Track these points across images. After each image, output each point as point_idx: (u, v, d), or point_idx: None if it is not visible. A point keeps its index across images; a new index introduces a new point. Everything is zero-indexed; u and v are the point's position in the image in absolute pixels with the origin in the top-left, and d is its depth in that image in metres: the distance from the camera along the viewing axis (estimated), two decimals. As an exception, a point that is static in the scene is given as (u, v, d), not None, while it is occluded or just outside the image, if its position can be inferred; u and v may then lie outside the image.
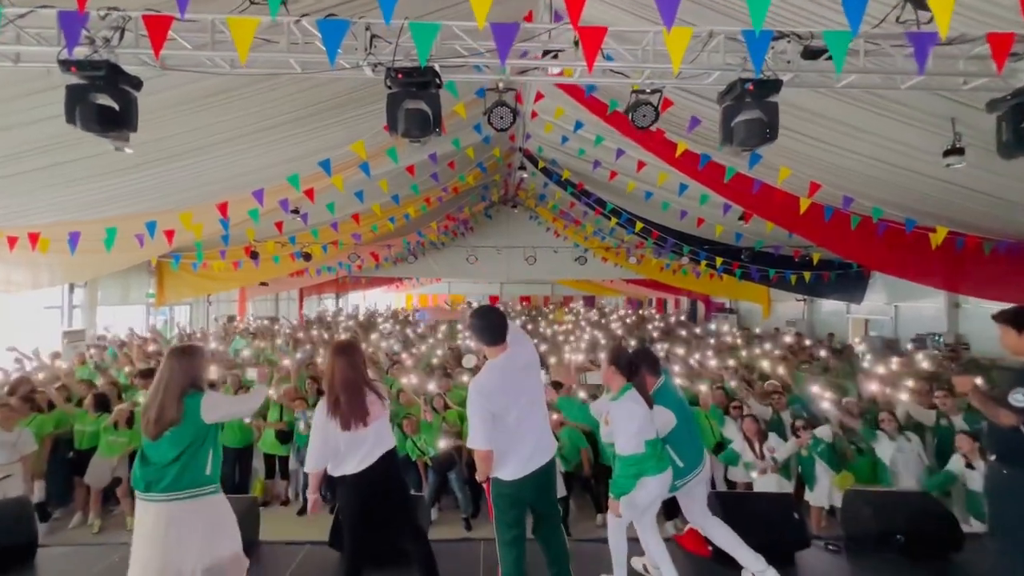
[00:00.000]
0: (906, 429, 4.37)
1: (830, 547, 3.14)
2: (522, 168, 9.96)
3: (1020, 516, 2.40)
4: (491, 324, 2.58)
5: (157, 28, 2.49)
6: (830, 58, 3.00)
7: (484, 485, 2.68)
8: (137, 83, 2.92)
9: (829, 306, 14.13)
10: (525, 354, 2.67)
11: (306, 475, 5.58)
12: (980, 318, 9.34)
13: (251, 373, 2.98)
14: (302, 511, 5.47)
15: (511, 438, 2.53)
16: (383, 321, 14.12)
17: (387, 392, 2.99)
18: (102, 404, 5.37)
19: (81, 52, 2.73)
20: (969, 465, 3.62)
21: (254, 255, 9.36)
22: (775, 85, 2.85)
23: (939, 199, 6.03)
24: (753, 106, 2.89)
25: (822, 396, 4.94)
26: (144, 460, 2.43)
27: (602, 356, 3.37)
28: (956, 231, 6.56)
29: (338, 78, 4.97)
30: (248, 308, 16.01)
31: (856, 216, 6.80)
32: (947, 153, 4.57)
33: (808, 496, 4.56)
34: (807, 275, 11.00)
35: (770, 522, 3.03)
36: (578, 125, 7.09)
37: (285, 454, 5.69)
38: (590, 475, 5.36)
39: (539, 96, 7.42)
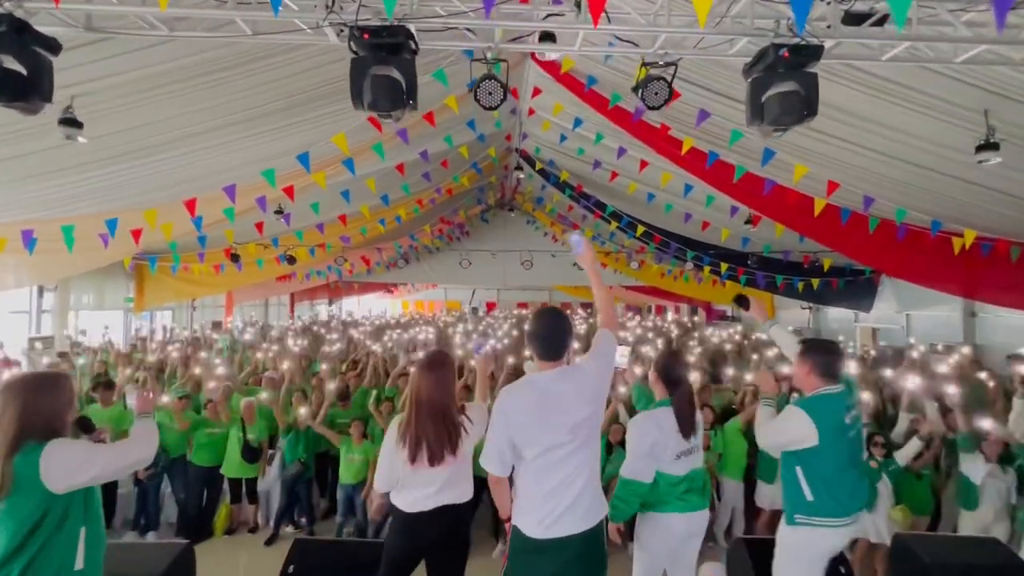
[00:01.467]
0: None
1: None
2: (519, 168, 9.54)
3: None
4: (547, 333, 2.06)
5: (59, -33, 2.02)
6: (877, 23, 2.56)
7: (505, 525, 2.18)
8: (54, 45, 2.44)
9: (835, 314, 13.70)
10: (588, 381, 2.05)
11: (281, 498, 5.13)
12: (998, 327, 8.90)
13: (130, 401, 2.30)
14: (271, 540, 4.94)
15: (534, 484, 1.99)
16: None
17: (481, 419, 2.46)
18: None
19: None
20: None
21: (235, 258, 8.85)
22: (815, 51, 2.39)
23: (968, 202, 5.60)
24: (788, 77, 2.42)
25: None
26: None
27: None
28: (984, 236, 6.13)
29: (316, 64, 4.57)
30: (235, 314, 15.47)
31: (875, 218, 6.36)
32: (980, 148, 4.17)
33: None
34: (815, 282, 10.57)
35: None
36: (577, 122, 6.68)
37: (254, 475, 5.15)
38: None
39: (536, 91, 7.01)
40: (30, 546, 1.63)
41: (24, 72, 2.33)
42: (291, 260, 9.43)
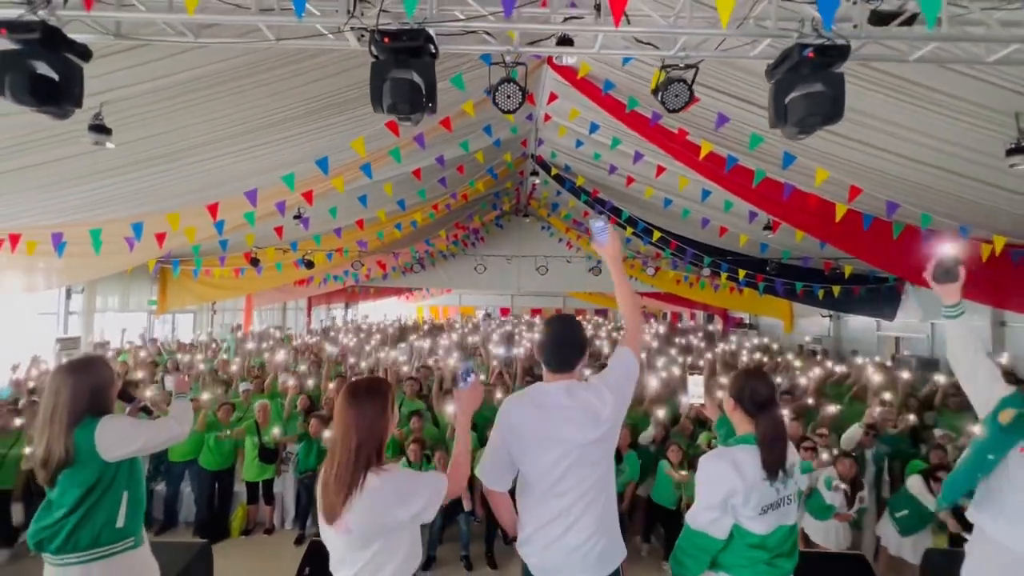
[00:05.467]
0: None
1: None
2: (534, 174, 9.56)
3: None
4: (556, 341, 1.89)
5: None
6: (905, 23, 2.50)
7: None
8: (84, 52, 2.51)
9: (856, 323, 13.41)
10: (598, 402, 1.82)
11: (302, 496, 5.13)
12: (1029, 338, 8.61)
13: (169, 382, 2.49)
14: (300, 540, 4.95)
15: (533, 510, 1.83)
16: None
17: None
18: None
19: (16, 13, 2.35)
20: None
21: (254, 262, 8.99)
22: (842, 52, 2.34)
23: (998, 207, 5.45)
24: (813, 78, 2.38)
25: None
26: (47, 509, 1.93)
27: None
28: (1015, 242, 5.95)
29: (335, 71, 4.64)
30: (254, 317, 15.70)
31: (899, 224, 6.21)
32: (1011, 152, 4.09)
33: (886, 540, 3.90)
34: (836, 289, 10.35)
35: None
36: (593, 127, 6.68)
37: (271, 477, 5.19)
38: (627, 510, 4.79)
39: (552, 97, 7.02)
40: (82, 506, 1.88)
41: (56, 78, 2.40)
42: (309, 264, 9.54)
